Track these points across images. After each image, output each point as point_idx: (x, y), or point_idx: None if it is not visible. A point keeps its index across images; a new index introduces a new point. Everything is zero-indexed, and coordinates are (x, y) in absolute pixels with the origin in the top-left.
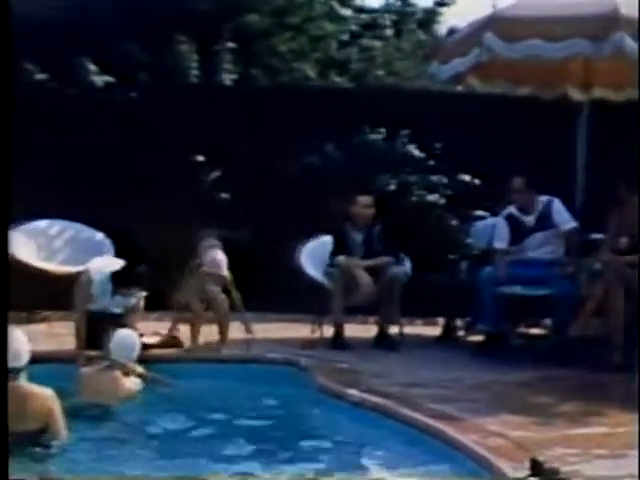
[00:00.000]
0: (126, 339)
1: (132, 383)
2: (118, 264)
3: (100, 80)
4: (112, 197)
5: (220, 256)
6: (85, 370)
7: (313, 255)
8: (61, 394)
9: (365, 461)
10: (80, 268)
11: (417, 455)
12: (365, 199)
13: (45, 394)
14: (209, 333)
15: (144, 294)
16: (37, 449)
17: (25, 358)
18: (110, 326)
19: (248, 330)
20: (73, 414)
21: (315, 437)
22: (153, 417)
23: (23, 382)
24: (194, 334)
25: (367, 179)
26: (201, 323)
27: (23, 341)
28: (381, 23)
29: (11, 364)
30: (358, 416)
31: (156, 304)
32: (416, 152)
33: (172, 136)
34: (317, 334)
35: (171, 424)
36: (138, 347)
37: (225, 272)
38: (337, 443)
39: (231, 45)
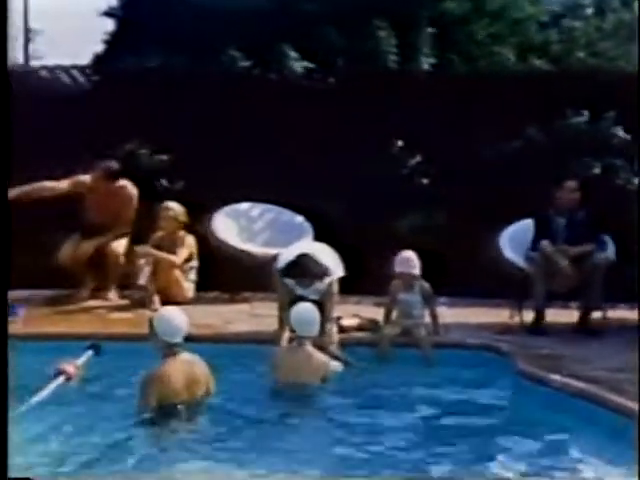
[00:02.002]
0: (303, 313)
1: (328, 360)
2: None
3: (300, 66)
4: (309, 180)
5: (409, 254)
6: (279, 349)
7: (514, 239)
8: (261, 373)
9: (571, 449)
10: (280, 250)
11: (625, 443)
12: (571, 183)
13: (203, 362)
14: None
15: (335, 278)
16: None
17: (183, 334)
18: None
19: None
20: (271, 393)
21: (517, 423)
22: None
23: (185, 354)
24: (387, 318)
25: (570, 163)
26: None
27: (182, 319)
28: (582, 2)
29: (172, 340)
30: (560, 402)
31: (355, 288)
32: (622, 134)
33: (371, 121)
34: (516, 319)
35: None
36: (317, 320)
37: (416, 271)
38: (540, 429)
39: (429, 31)
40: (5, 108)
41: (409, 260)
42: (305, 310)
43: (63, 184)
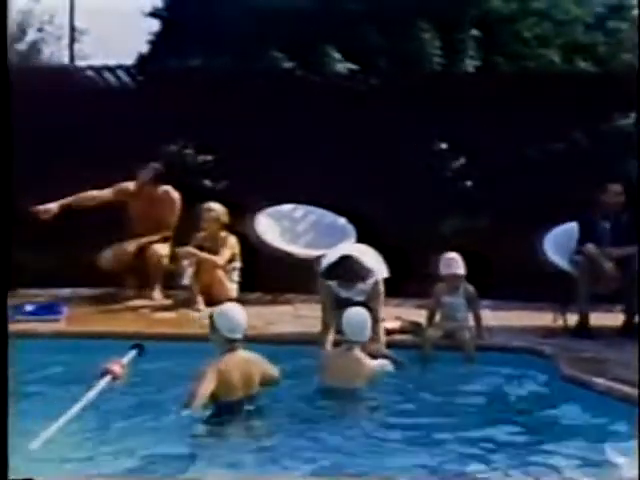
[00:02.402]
0: (355, 317)
1: (376, 364)
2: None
3: (343, 67)
4: (352, 182)
5: (454, 255)
6: (327, 352)
7: (558, 242)
8: (306, 375)
9: (614, 453)
10: (323, 252)
11: None
12: (616, 187)
13: (257, 356)
14: None
15: (380, 278)
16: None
17: (243, 330)
18: None
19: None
20: (320, 395)
21: (560, 426)
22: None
23: (240, 350)
24: (430, 320)
25: (615, 165)
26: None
27: (242, 315)
28: (628, 4)
29: (232, 335)
30: (604, 406)
31: (397, 290)
32: None
33: (415, 123)
34: (560, 322)
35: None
36: (368, 325)
37: (460, 271)
38: (584, 434)
39: (474, 32)
40: (5, 108)
41: (453, 261)
42: (357, 315)
43: (107, 193)
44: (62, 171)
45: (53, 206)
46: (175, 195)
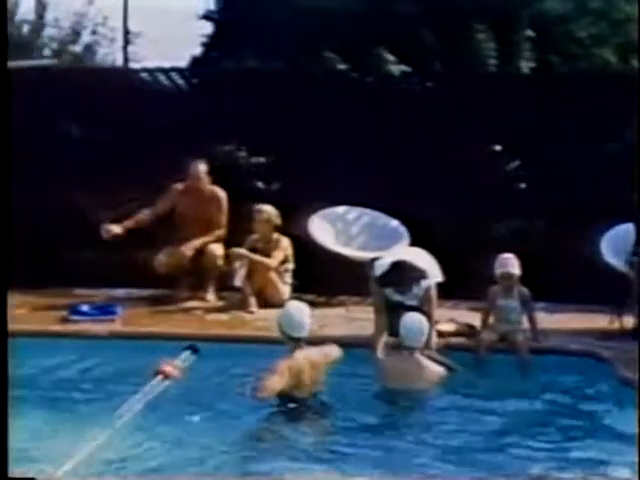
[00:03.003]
0: (413, 323)
1: (435, 367)
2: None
3: (397, 69)
4: (406, 184)
5: (509, 255)
6: (387, 357)
7: (614, 244)
8: (359, 378)
9: None
10: (376, 254)
11: None
12: None
13: (318, 352)
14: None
15: (433, 283)
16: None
17: (305, 329)
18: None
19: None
20: (381, 398)
21: (616, 431)
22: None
23: (307, 348)
24: (484, 323)
25: None
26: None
27: (305, 314)
28: None
29: (294, 334)
30: None
31: (451, 292)
32: None
33: (469, 125)
34: (616, 325)
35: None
36: (426, 331)
37: (515, 270)
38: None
39: (529, 33)
40: (5, 109)
41: (508, 260)
42: (413, 321)
43: (162, 204)
44: (117, 172)
45: (116, 228)
46: (221, 193)
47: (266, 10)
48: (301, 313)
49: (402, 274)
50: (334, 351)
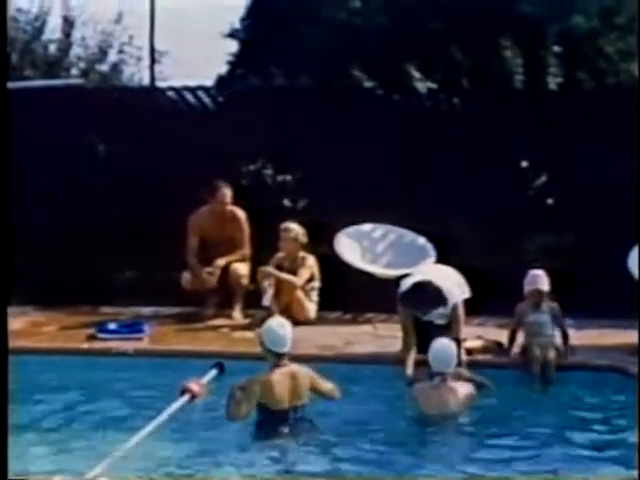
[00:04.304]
0: (441, 350)
1: (468, 389)
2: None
3: (424, 86)
4: (434, 201)
5: (538, 272)
6: (420, 386)
7: None
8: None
9: None
10: (403, 272)
11: None
12: None
13: (306, 370)
14: None
15: (460, 301)
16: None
17: (287, 345)
18: (433, 334)
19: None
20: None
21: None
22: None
23: (289, 364)
24: (511, 340)
25: None
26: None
27: (289, 328)
28: None
29: (276, 349)
30: None
31: (480, 309)
32: None
33: (496, 142)
34: None
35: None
36: (455, 356)
37: (544, 287)
38: None
39: (556, 49)
40: (5, 110)
41: (538, 277)
42: (442, 347)
43: (193, 240)
44: (142, 191)
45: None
46: (241, 214)
47: (292, 27)
48: (283, 328)
49: (422, 296)
50: (329, 385)
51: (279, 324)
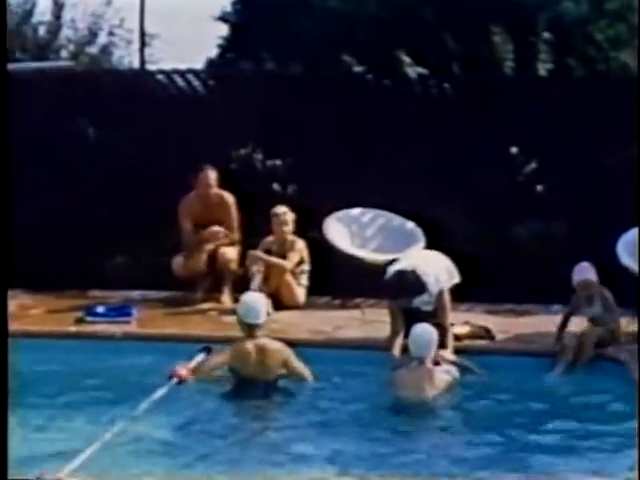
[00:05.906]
0: (421, 335)
1: (447, 373)
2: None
3: (414, 72)
4: (422, 186)
5: (585, 263)
6: (400, 370)
7: (631, 246)
8: (370, 380)
9: None
10: (392, 256)
11: None
12: None
13: (279, 347)
14: (524, 325)
15: (446, 287)
16: (276, 396)
17: (263, 317)
18: (420, 320)
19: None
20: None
21: None
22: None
23: (261, 338)
24: (561, 329)
25: None
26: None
27: (262, 302)
28: None
29: (248, 320)
30: None
31: (466, 295)
32: None
33: (486, 127)
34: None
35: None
36: (434, 341)
37: (590, 276)
38: None
39: (547, 35)
40: (5, 109)
41: (584, 268)
42: (422, 332)
43: (186, 224)
44: (132, 174)
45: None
46: (230, 198)
47: (282, 12)
48: (256, 301)
49: (402, 285)
50: (303, 368)
51: (252, 297)
